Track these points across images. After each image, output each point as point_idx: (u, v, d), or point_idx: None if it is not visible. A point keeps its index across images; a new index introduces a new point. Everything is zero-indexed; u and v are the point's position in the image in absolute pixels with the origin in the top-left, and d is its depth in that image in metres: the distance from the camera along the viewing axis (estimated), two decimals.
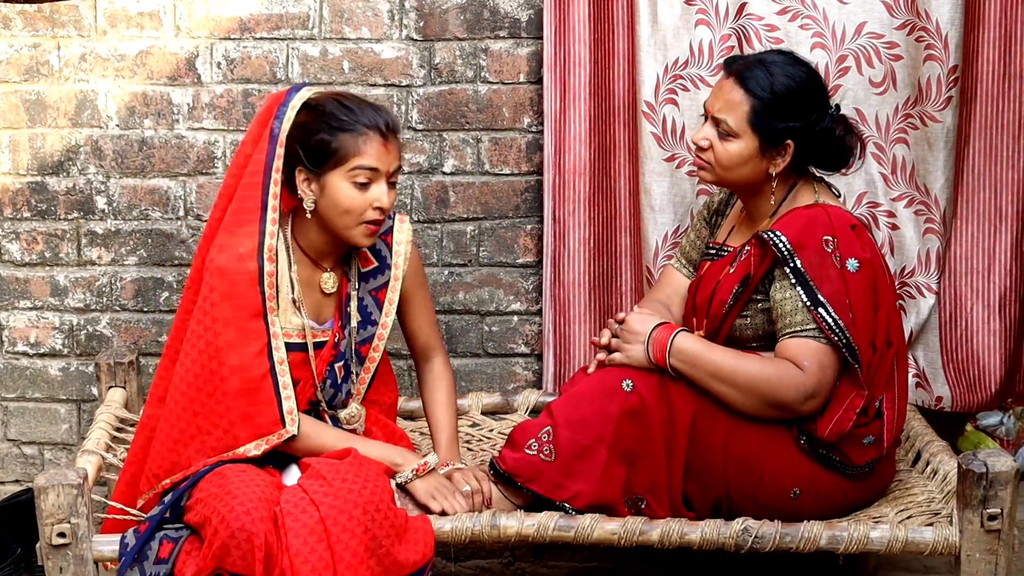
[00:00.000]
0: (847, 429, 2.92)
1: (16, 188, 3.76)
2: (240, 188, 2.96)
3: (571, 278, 3.68)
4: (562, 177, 3.64)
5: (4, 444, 3.90)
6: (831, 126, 3.02)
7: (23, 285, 3.81)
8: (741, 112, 2.99)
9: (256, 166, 2.94)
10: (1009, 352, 3.65)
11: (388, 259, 3.12)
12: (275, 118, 2.94)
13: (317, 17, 3.67)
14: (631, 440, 2.90)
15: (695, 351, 2.94)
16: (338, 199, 2.94)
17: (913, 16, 3.51)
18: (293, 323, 3.01)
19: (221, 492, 2.80)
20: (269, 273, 2.94)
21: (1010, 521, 2.83)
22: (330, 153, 2.92)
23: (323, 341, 3.06)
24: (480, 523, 2.90)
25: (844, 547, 2.86)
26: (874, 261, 2.96)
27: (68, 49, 3.68)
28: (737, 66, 3.04)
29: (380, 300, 3.12)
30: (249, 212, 2.94)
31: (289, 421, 2.94)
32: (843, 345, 2.88)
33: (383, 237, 3.12)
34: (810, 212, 2.98)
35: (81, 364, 3.84)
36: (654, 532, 2.88)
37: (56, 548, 2.79)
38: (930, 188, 3.61)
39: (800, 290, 2.90)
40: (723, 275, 3.05)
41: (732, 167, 3.03)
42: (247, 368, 2.91)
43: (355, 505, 2.77)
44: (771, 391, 2.89)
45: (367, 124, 2.93)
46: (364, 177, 2.93)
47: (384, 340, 3.12)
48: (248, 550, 2.72)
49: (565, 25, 3.58)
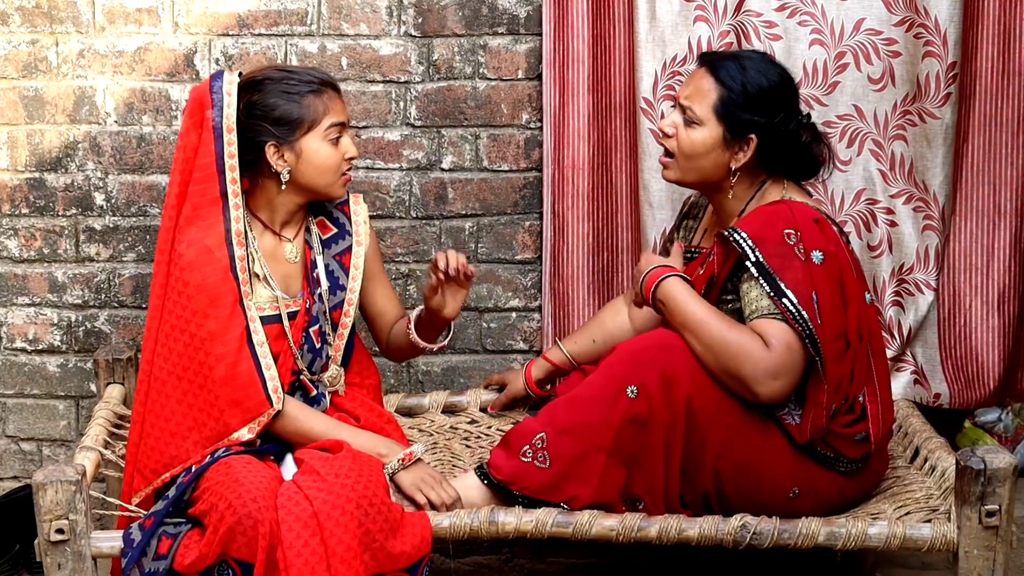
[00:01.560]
0: (823, 425, 2.91)
1: (14, 184, 3.76)
2: (192, 183, 3.00)
3: (571, 273, 3.68)
4: (561, 173, 3.64)
5: (2, 440, 3.90)
6: (797, 130, 3.02)
7: (21, 281, 3.80)
8: (709, 100, 2.99)
9: (205, 158, 2.99)
10: (1008, 349, 3.66)
11: (347, 226, 3.20)
12: (213, 108, 2.99)
13: (315, 13, 3.66)
14: (631, 446, 2.90)
15: (675, 295, 2.95)
16: (317, 160, 3.03)
17: (912, 13, 3.51)
18: (264, 295, 3.07)
19: (228, 480, 2.82)
20: (240, 258, 2.99)
21: (1008, 518, 2.83)
22: (300, 120, 3.00)
23: (295, 311, 3.11)
24: (478, 519, 2.90)
25: (842, 543, 2.86)
26: (839, 254, 2.95)
27: (66, 45, 3.68)
28: (711, 58, 3.06)
29: (345, 265, 3.18)
30: (209, 204, 2.99)
31: (275, 399, 2.98)
32: (806, 336, 2.86)
33: (340, 207, 3.21)
34: (772, 208, 2.97)
35: (79, 360, 3.84)
36: (652, 528, 2.88)
37: (54, 544, 2.79)
38: (929, 185, 3.60)
39: (763, 281, 2.89)
40: (694, 277, 3.05)
41: (694, 156, 3.02)
42: (230, 354, 2.96)
43: (348, 500, 2.77)
44: (731, 358, 2.87)
45: (321, 83, 3.04)
46: (336, 132, 3.04)
47: (354, 306, 3.18)
48: (253, 537, 2.73)
49: (564, 21, 3.58)
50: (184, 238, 2.99)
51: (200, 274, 2.96)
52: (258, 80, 3.03)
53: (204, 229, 2.98)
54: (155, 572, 2.79)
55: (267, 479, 2.84)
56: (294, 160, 3.02)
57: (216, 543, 2.76)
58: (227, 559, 2.76)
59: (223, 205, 2.99)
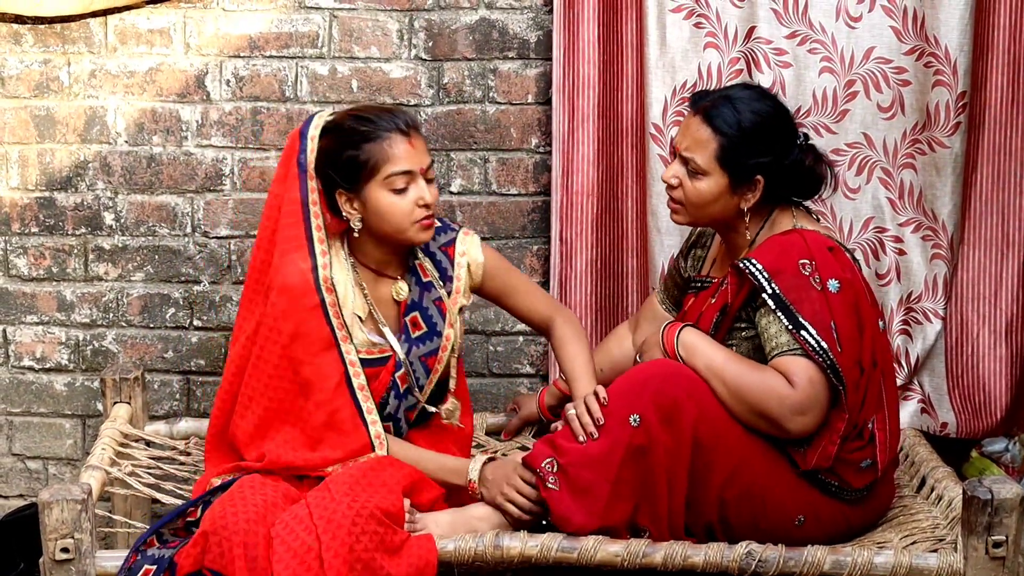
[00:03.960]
0: (832, 453, 2.91)
1: (24, 203, 3.77)
2: (281, 229, 3.00)
3: (577, 299, 3.68)
4: (570, 198, 3.65)
5: (9, 459, 3.90)
6: (799, 157, 3.02)
7: (30, 300, 3.81)
8: (709, 150, 2.98)
9: (291, 204, 2.98)
10: (1016, 379, 3.64)
11: (449, 271, 3.14)
12: (300, 152, 2.97)
13: (326, 36, 3.68)
14: (635, 478, 2.89)
15: (697, 342, 2.96)
16: (381, 209, 2.95)
17: (922, 42, 3.52)
18: (360, 338, 3.04)
19: (226, 499, 2.82)
20: (331, 303, 2.96)
21: (1015, 548, 2.82)
22: (360, 167, 2.93)
23: (389, 355, 3.07)
24: (483, 543, 2.89)
25: (848, 572, 2.84)
26: (855, 282, 2.95)
27: (78, 65, 3.70)
28: (703, 103, 3.03)
29: (443, 311, 3.12)
30: (296, 248, 2.98)
31: (378, 445, 2.99)
32: (827, 367, 2.86)
33: (444, 249, 3.14)
34: (786, 238, 2.97)
35: (86, 379, 3.84)
36: (657, 555, 2.87)
37: (59, 563, 2.79)
38: (938, 214, 3.60)
39: (781, 314, 2.89)
40: (705, 306, 3.06)
41: (703, 205, 3.03)
42: (330, 402, 2.96)
43: (344, 516, 2.75)
44: (756, 399, 2.88)
45: (387, 129, 2.94)
46: (401, 182, 2.94)
47: (448, 352, 3.13)
48: (228, 548, 2.72)
49: (574, 47, 3.59)
50: (276, 283, 2.97)
51: (293, 322, 2.95)
52: (336, 123, 2.99)
53: (295, 269, 2.96)
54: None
55: (270, 498, 2.83)
56: (362, 208, 2.97)
57: (195, 554, 2.75)
58: (203, 570, 2.75)
59: (310, 250, 2.97)
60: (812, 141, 3.11)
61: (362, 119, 2.96)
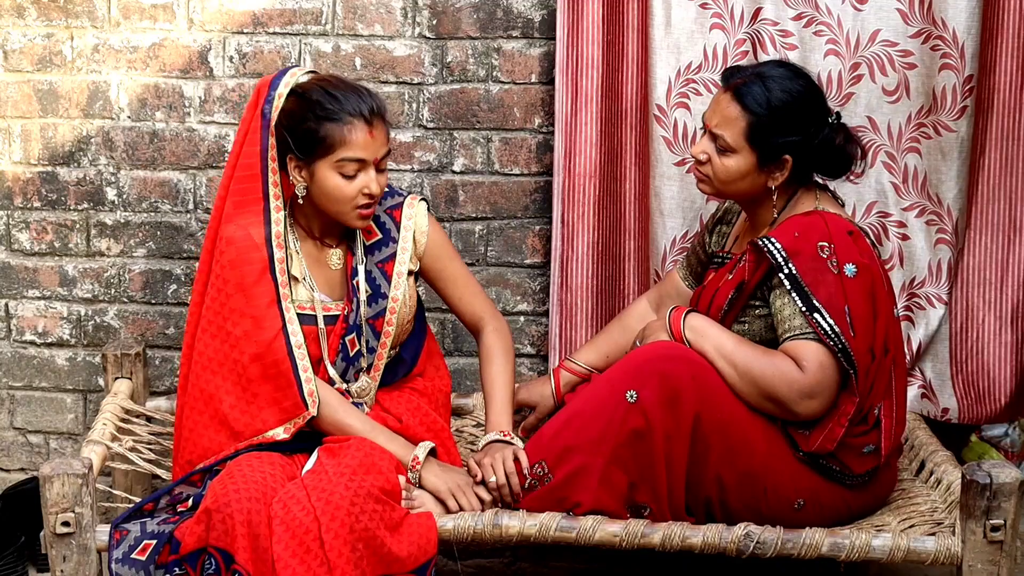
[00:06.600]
0: (839, 436, 2.91)
1: (27, 178, 3.77)
2: (235, 181, 3.00)
3: (577, 282, 3.66)
4: (571, 180, 3.63)
5: (10, 432, 3.91)
6: (830, 136, 3.00)
7: (32, 274, 3.81)
8: (738, 128, 2.98)
9: (250, 158, 2.98)
10: (1021, 365, 3.63)
11: (393, 232, 3.13)
12: (265, 101, 2.97)
13: (330, 13, 3.67)
14: (632, 460, 2.89)
15: (704, 326, 2.97)
16: (326, 188, 2.96)
17: (929, 24, 3.50)
18: (302, 296, 3.05)
19: (226, 475, 2.84)
20: (279, 260, 2.98)
21: (1013, 532, 2.82)
22: (317, 143, 2.93)
23: (335, 315, 3.08)
24: (482, 522, 2.90)
25: (846, 555, 2.85)
26: (872, 267, 2.95)
27: (81, 40, 3.69)
28: (735, 80, 3.02)
29: (388, 273, 3.13)
30: (252, 202, 2.98)
31: (311, 403, 2.99)
32: (839, 351, 2.86)
33: (391, 211, 3.14)
34: (807, 219, 2.97)
35: (88, 354, 3.84)
36: (655, 535, 2.87)
37: (60, 537, 2.80)
38: (942, 198, 3.59)
39: (796, 296, 2.90)
40: (722, 282, 3.05)
41: (730, 181, 3.02)
42: (265, 355, 2.96)
43: (342, 497, 2.77)
44: (766, 382, 2.89)
45: (351, 113, 2.93)
46: (351, 169, 2.95)
47: (396, 314, 3.12)
48: (231, 526, 2.74)
49: (578, 26, 3.57)
50: (225, 233, 2.99)
51: (239, 273, 2.96)
52: (306, 90, 2.97)
53: (244, 227, 2.98)
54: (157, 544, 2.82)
55: (268, 476, 2.84)
56: (308, 179, 2.98)
57: (199, 531, 2.77)
58: (208, 547, 2.77)
59: (264, 205, 2.98)
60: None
61: (330, 95, 2.94)
